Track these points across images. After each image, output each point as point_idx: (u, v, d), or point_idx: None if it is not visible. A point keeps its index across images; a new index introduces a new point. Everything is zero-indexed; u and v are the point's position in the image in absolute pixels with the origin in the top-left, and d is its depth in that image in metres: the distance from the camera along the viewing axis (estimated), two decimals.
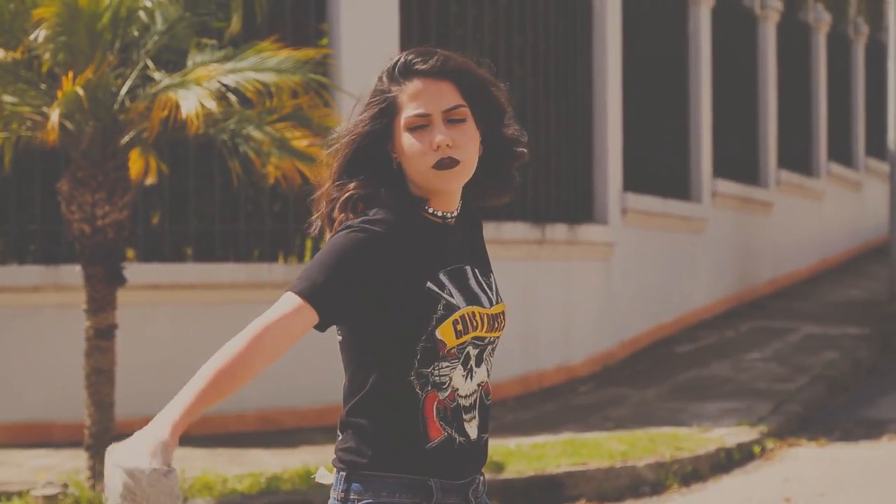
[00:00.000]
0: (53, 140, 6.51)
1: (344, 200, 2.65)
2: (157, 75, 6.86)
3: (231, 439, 8.19)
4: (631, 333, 11.28)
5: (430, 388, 2.60)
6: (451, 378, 2.61)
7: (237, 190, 8.67)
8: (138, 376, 7.96)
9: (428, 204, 2.65)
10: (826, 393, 9.85)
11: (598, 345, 10.75)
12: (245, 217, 8.84)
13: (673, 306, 12.14)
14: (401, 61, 2.64)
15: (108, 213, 6.81)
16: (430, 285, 2.59)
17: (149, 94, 6.72)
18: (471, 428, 2.65)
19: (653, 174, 11.80)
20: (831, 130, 16.62)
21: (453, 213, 2.68)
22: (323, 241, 2.69)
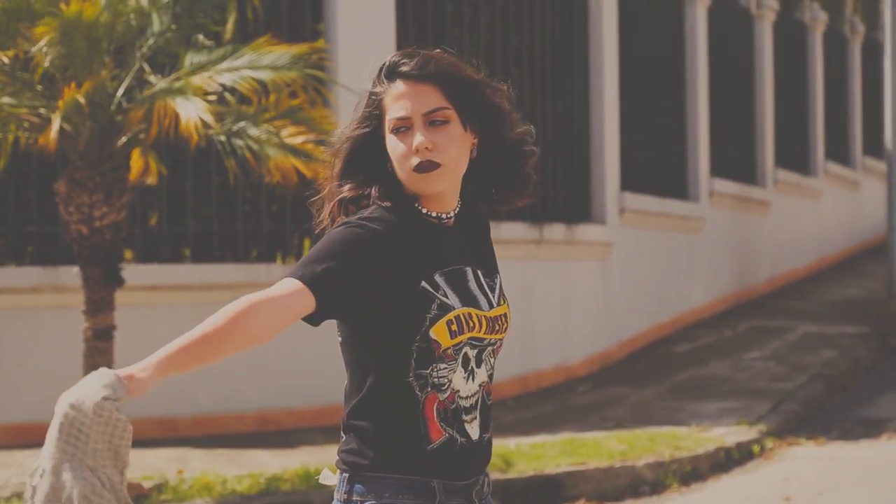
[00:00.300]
0: (53, 147, 6.50)
1: (338, 201, 2.67)
2: (153, 78, 6.85)
3: (230, 440, 8.18)
4: (629, 333, 11.28)
5: (429, 389, 2.59)
6: (451, 380, 2.61)
7: (235, 191, 8.66)
8: None
9: (420, 204, 2.65)
10: (824, 392, 9.85)
11: (597, 344, 10.74)
12: (243, 218, 8.83)
13: (671, 306, 12.14)
14: (387, 63, 2.65)
15: (106, 214, 6.80)
16: (425, 285, 2.58)
17: (146, 97, 6.70)
18: (472, 429, 2.64)
19: (650, 174, 11.80)
20: (828, 129, 16.63)
21: (449, 214, 2.67)
22: None
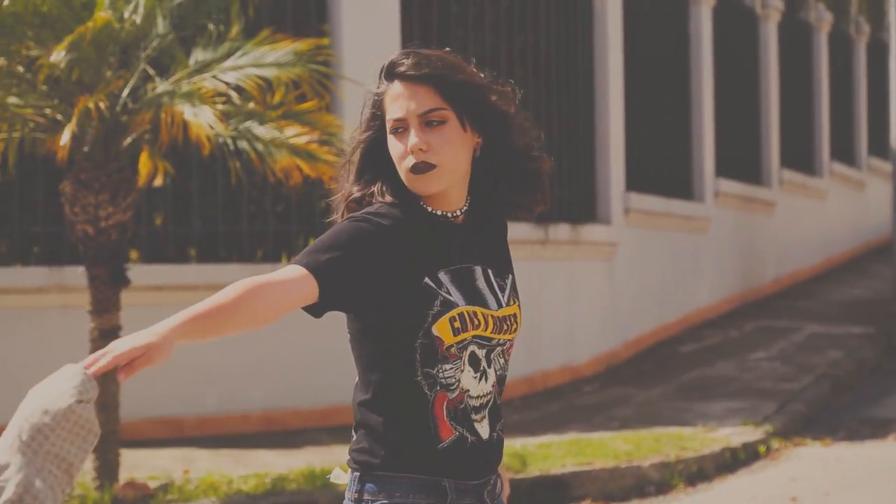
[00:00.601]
0: (64, 154, 6.47)
1: (346, 201, 2.67)
2: (158, 80, 6.85)
3: (235, 440, 8.19)
4: (635, 333, 11.27)
5: (438, 388, 2.59)
6: (459, 379, 2.60)
7: (240, 191, 8.67)
8: (143, 377, 7.90)
9: (425, 202, 2.65)
10: (831, 392, 9.84)
11: (602, 345, 10.74)
12: (248, 218, 8.83)
13: (677, 306, 12.13)
14: (387, 63, 2.65)
15: (112, 214, 6.80)
16: (427, 281, 2.58)
17: (152, 98, 6.70)
18: (481, 428, 2.64)
19: (655, 174, 11.80)
20: (834, 130, 16.61)
21: (456, 213, 2.67)
22: None
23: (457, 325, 2.58)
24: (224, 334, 2.42)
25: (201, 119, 6.42)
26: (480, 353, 2.62)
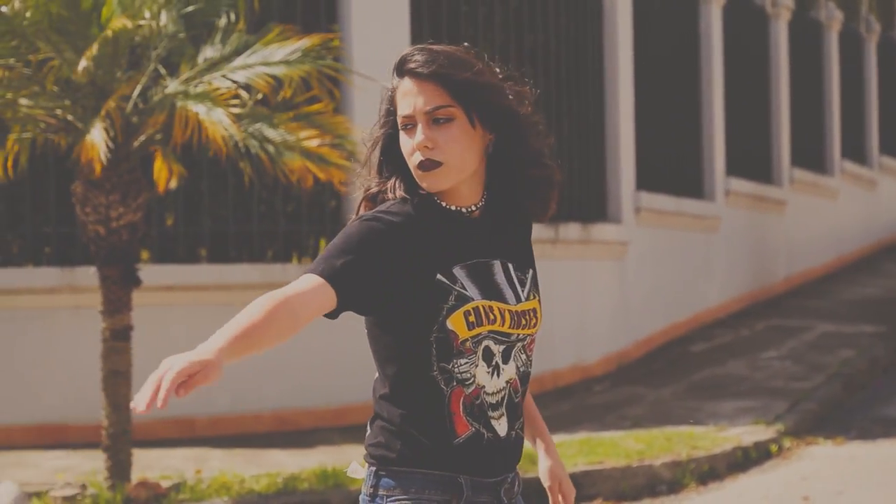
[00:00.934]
0: (93, 157, 6.44)
1: (363, 198, 2.68)
2: (169, 80, 6.86)
3: (247, 440, 8.20)
4: (645, 332, 11.26)
5: (454, 383, 2.59)
6: (475, 375, 2.60)
7: (251, 191, 8.67)
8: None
9: (439, 198, 2.64)
10: (842, 391, 9.82)
11: (613, 344, 10.73)
12: (258, 218, 8.84)
13: (687, 305, 12.12)
14: (399, 59, 2.64)
15: (123, 214, 6.81)
16: (441, 276, 2.58)
17: (164, 98, 6.70)
18: (499, 425, 2.63)
19: (666, 173, 11.79)
20: (844, 128, 16.58)
21: (471, 208, 2.66)
22: None
23: (471, 318, 2.58)
24: (257, 353, 2.43)
25: (217, 122, 6.43)
26: (496, 348, 2.62)
